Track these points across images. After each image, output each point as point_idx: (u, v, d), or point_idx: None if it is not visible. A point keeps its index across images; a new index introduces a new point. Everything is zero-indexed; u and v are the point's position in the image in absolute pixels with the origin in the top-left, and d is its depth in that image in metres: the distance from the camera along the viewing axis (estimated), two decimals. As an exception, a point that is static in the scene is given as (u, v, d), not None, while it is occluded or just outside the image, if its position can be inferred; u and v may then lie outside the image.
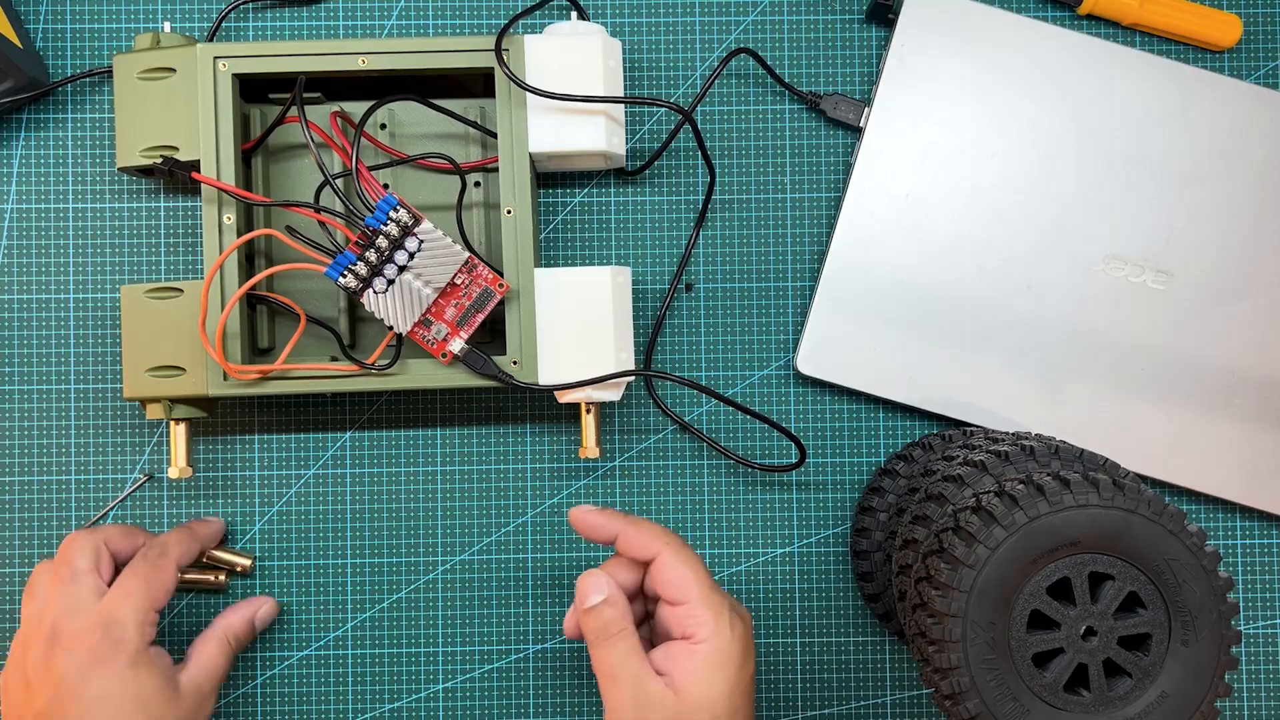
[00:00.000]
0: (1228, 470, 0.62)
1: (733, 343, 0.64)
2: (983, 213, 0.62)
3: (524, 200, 0.57)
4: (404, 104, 0.61)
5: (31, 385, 0.63)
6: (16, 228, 0.63)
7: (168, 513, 0.63)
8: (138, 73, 0.57)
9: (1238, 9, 0.65)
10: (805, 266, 0.64)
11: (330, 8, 0.64)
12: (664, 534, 0.52)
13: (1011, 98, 0.62)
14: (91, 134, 0.63)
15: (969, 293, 0.62)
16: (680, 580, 0.50)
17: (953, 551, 0.48)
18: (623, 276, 0.58)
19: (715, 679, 0.49)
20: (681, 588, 0.50)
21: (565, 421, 0.64)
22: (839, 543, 0.64)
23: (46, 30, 0.63)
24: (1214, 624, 0.48)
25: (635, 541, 0.52)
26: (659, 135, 0.64)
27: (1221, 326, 0.62)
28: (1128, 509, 0.48)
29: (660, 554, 0.51)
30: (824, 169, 0.64)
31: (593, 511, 0.53)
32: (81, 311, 0.63)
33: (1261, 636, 0.64)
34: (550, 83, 0.56)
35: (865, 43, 0.64)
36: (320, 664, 0.63)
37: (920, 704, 0.64)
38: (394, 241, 0.54)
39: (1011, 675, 0.48)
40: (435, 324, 0.56)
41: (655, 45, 0.64)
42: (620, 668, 0.50)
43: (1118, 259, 0.62)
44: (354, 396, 0.63)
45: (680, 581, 0.50)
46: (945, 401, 0.62)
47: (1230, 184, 0.62)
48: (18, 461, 0.63)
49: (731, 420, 0.64)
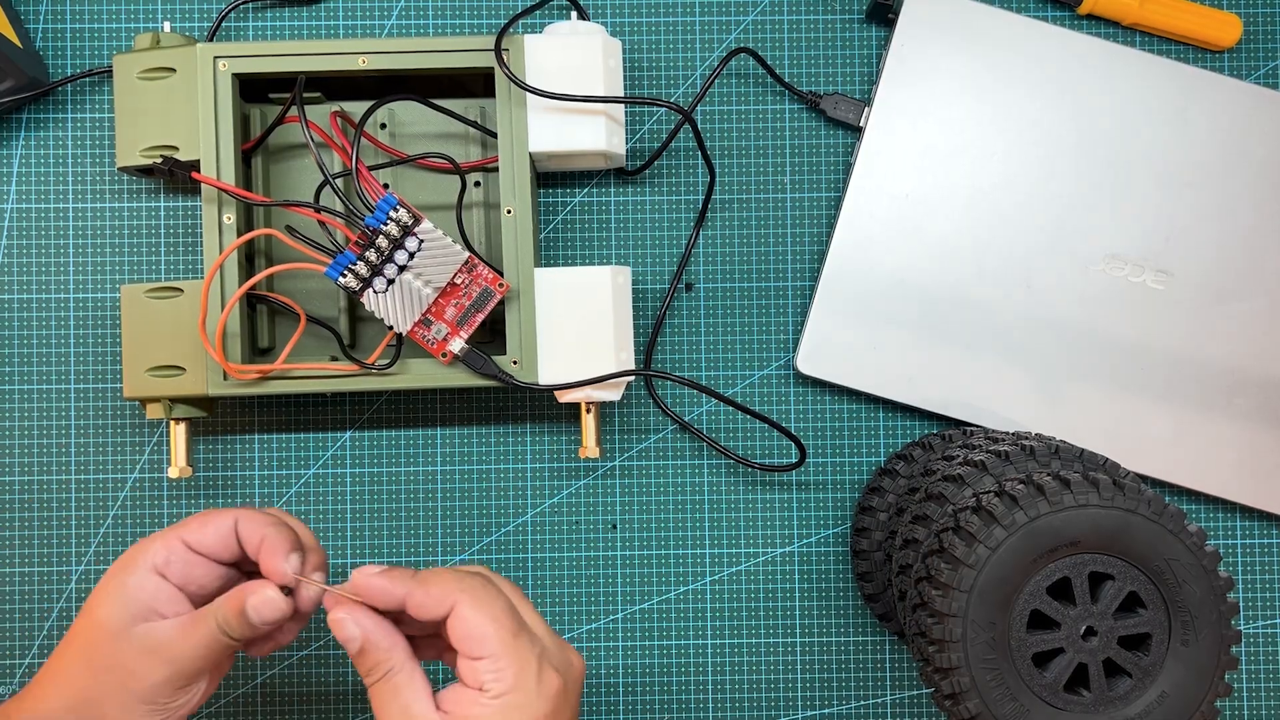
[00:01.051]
0: (1228, 470, 0.62)
1: (733, 343, 0.64)
2: (983, 213, 0.62)
3: (524, 200, 0.57)
4: (404, 104, 0.61)
5: (31, 385, 0.63)
6: (16, 228, 0.63)
7: (168, 513, 0.63)
8: (137, 72, 0.57)
9: (1238, 9, 0.65)
10: (805, 266, 0.64)
11: (330, 8, 0.64)
12: (458, 581, 0.46)
13: (1011, 98, 0.62)
14: (91, 134, 0.63)
15: (969, 293, 0.62)
16: (476, 633, 0.45)
17: (953, 551, 0.48)
18: (623, 276, 0.58)
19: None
20: (478, 641, 0.45)
21: (565, 421, 0.64)
22: (839, 543, 0.64)
23: (46, 30, 0.63)
24: (1214, 624, 0.48)
25: (426, 602, 0.45)
26: (659, 135, 0.64)
27: (1221, 326, 0.62)
28: (1128, 509, 0.48)
29: (455, 606, 0.45)
30: (824, 169, 0.64)
31: (376, 574, 0.46)
32: (81, 311, 0.63)
33: (1261, 636, 0.64)
34: (550, 82, 0.56)
35: (865, 43, 0.64)
36: (320, 664, 0.63)
37: (920, 704, 0.64)
38: (394, 241, 0.54)
39: (1011, 675, 0.48)
40: (435, 324, 0.56)
41: (655, 45, 0.64)
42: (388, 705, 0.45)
43: (1118, 259, 0.62)
44: (354, 396, 0.63)
45: (476, 634, 0.45)
46: (945, 401, 0.62)
47: (1230, 184, 0.62)
48: (18, 461, 0.63)
49: (731, 420, 0.64)
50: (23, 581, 0.62)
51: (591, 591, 0.64)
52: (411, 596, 0.46)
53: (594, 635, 0.63)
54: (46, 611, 0.62)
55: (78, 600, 0.62)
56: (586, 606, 0.64)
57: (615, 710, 0.63)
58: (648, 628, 0.64)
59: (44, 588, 0.62)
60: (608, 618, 0.64)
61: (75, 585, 0.62)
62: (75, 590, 0.62)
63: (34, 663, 0.62)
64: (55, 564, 0.62)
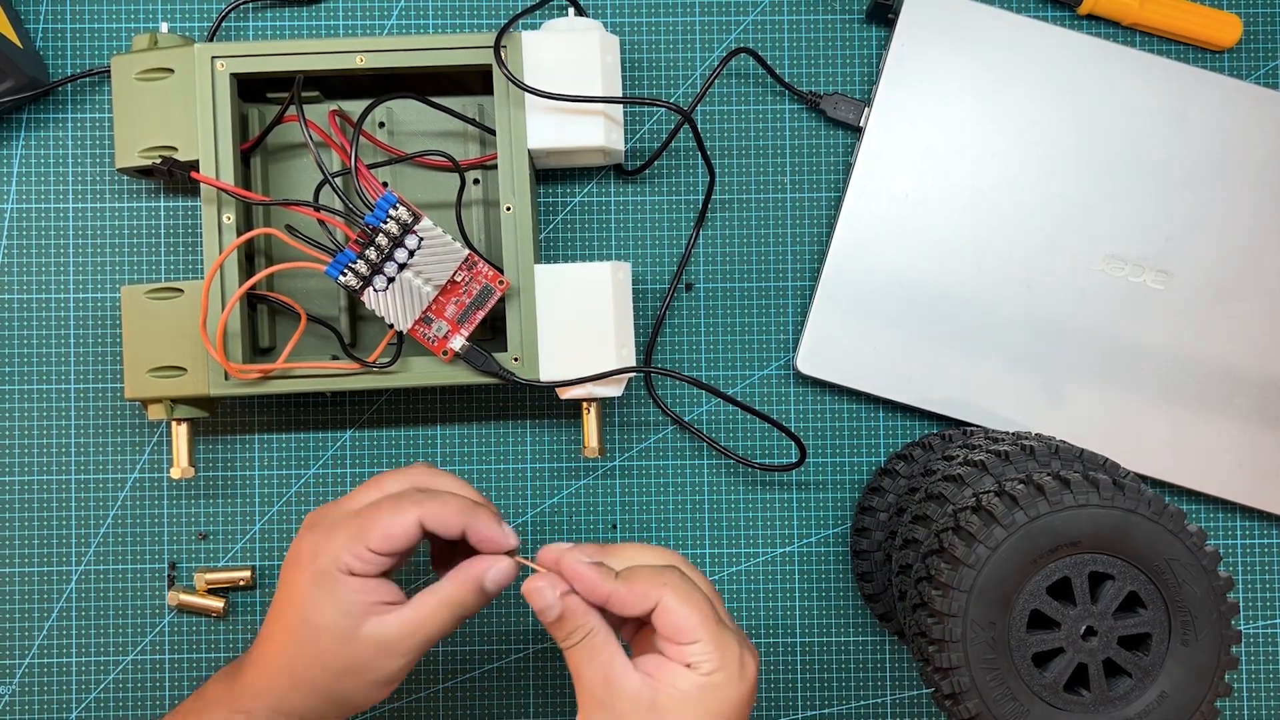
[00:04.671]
0: (1228, 470, 0.62)
1: (733, 342, 0.64)
2: (983, 213, 0.62)
3: (523, 196, 0.57)
4: (402, 102, 0.61)
5: (31, 385, 0.63)
6: (16, 228, 0.63)
7: (167, 513, 0.63)
8: (136, 73, 0.57)
9: (1238, 9, 0.65)
10: (805, 266, 0.64)
11: (330, 7, 0.64)
12: (659, 577, 0.47)
13: (1011, 98, 0.62)
14: (91, 134, 0.63)
15: (969, 293, 0.62)
16: (684, 624, 0.46)
17: (953, 551, 0.48)
18: (623, 272, 0.58)
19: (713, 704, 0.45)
20: (687, 630, 0.46)
21: (566, 419, 0.64)
22: (839, 543, 0.64)
23: (46, 30, 0.63)
24: (1214, 624, 0.48)
25: (629, 599, 0.47)
26: (659, 135, 0.64)
27: (1221, 326, 0.62)
28: (1128, 509, 0.48)
29: (660, 600, 0.46)
30: (824, 169, 0.64)
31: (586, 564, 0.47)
32: (81, 311, 0.63)
33: (1261, 636, 0.64)
34: (548, 79, 0.56)
35: (865, 43, 0.64)
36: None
37: (920, 704, 0.64)
38: (394, 239, 0.54)
39: (1011, 675, 0.48)
40: (436, 321, 0.56)
41: (655, 45, 0.64)
42: (588, 668, 0.47)
43: (1118, 259, 0.62)
44: (354, 396, 0.63)
45: (685, 625, 0.46)
46: (945, 401, 0.62)
47: (1230, 184, 0.62)
48: (18, 461, 0.62)
49: (731, 420, 0.64)
50: (23, 581, 0.62)
51: (591, 591, 0.64)
52: (616, 594, 0.47)
53: (594, 635, 0.63)
54: (46, 611, 0.62)
55: (78, 600, 0.62)
56: (586, 606, 0.64)
57: (615, 710, 0.63)
58: (647, 628, 0.63)
59: (44, 588, 0.62)
60: (607, 618, 0.64)
61: (75, 585, 0.62)
62: (75, 590, 0.62)
63: (34, 662, 0.62)
64: (55, 564, 0.62)
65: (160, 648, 0.63)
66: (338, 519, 0.50)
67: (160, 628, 0.63)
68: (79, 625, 0.62)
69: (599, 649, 0.47)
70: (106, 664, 0.62)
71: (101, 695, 0.62)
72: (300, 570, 0.50)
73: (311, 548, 0.50)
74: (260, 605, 0.63)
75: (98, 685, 0.62)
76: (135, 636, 0.63)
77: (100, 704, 0.62)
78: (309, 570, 0.49)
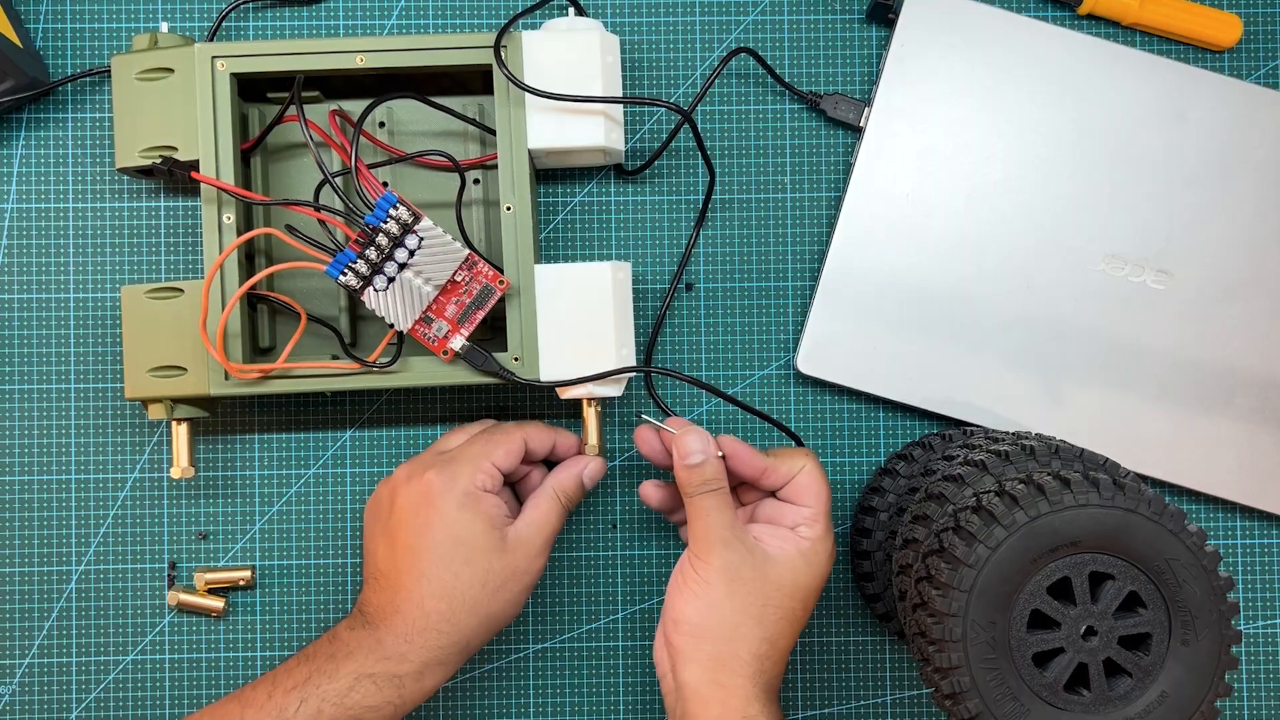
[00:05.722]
0: (1228, 470, 0.62)
1: (733, 342, 0.64)
2: (983, 213, 0.62)
3: (523, 196, 0.57)
4: (403, 102, 0.61)
5: (31, 385, 0.63)
6: (16, 228, 0.63)
7: (167, 513, 0.63)
8: (136, 73, 0.57)
9: (1238, 9, 0.65)
10: (805, 266, 0.64)
11: (330, 7, 0.64)
12: (803, 455, 0.55)
13: (1011, 98, 0.62)
14: (91, 134, 0.63)
15: (969, 293, 0.62)
16: (814, 489, 0.54)
17: (953, 551, 0.48)
18: (623, 272, 0.58)
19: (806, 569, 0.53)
20: (814, 495, 0.54)
21: (567, 419, 0.64)
22: (839, 543, 0.64)
23: (46, 30, 0.63)
24: (1214, 624, 0.48)
25: (780, 468, 0.55)
26: (659, 134, 0.64)
27: (1221, 326, 0.62)
28: (1128, 509, 0.48)
29: (805, 465, 0.55)
30: (824, 169, 0.64)
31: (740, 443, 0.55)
32: (81, 311, 0.63)
33: (1261, 636, 0.64)
34: (548, 79, 0.56)
35: (865, 43, 0.64)
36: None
37: (920, 704, 0.64)
38: (394, 239, 0.54)
39: (1011, 675, 0.48)
40: (436, 321, 0.56)
41: (655, 45, 0.64)
42: (715, 513, 0.53)
43: (1118, 259, 0.62)
44: (354, 395, 0.63)
45: (814, 490, 0.54)
46: (945, 401, 0.62)
47: (1230, 184, 0.62)
48: (18, 461, 0.62)
49: (732, 420, 0.64)
50: (23, 581, 0.62)
51: (591, 591, 0.64)
52: (771, 466, 0.55)
53: (594, 635, 0.63)
54: (46, 611, 0.62)
55: (78, 600, 0.62)
56: (586, 606, 0.64)
57: (615, 710, 0.63)
58: (648, 628, 0.63)
59: (44, 588, 0.62)
60: (608, 618, 0.64)
61: (75, 585, 0.62)
62: (75, 590, 0.62)
63: (34, 662, 0.62)
64: (55, 564, 0.62)
65: (160, 647, 0.63)
66: (448, 456, 0.55)
67: (160, 627, 0.63)
68: (79, 625, 0.62)
69: (727, 500, 0.54)
70: (106, 664, 0.62)
71: (101, 695, 0.62)
72: (437, 501, 0.54)
73: (443, 479, 0.54)
74: (260, 605, 0.63)
75: (98, 685, 0.62)
76: (135, 636, 0.63)
77: (100, 704, 0.62)
78: (449, 497, 0.54)
